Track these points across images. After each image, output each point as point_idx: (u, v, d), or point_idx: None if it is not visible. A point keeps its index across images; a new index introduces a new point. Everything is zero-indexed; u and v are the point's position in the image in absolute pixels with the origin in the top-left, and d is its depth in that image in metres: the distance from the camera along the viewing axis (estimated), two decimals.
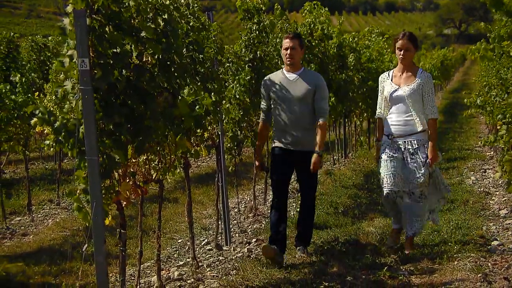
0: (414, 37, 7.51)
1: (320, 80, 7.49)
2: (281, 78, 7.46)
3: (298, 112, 7.34)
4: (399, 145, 7.49)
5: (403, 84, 7.48)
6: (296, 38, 7.38)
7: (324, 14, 12.87)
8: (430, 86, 7.48)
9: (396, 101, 7.50)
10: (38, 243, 9.21)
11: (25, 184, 12.69)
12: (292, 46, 7.31)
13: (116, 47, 5.32)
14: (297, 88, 7.36)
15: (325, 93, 7.47)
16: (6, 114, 9.75)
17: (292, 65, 7.40)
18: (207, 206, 11.60)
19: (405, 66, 7.52)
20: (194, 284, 6.90)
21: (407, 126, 7.46)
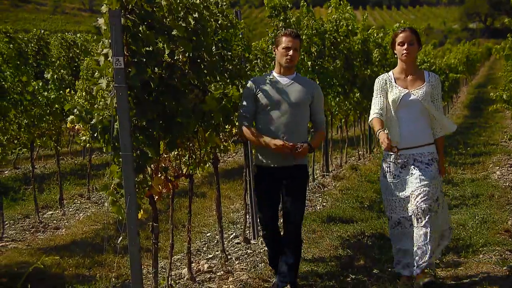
0: (417, 31, 6.52)
1: (318, 89, 6.60)
2: (272, 80, 6.49)
3: (294, 120, 6.34)
4: (407, 159, 6.33)
5: (411, 88, 6.36)
6: (298, 38, 6.46)
7: (349, 10, 12.98)
8: (439, 89, 6.50)
9: (407, 107, 6.32)
10: (71, 236, 9.43)
11: (56, 179, 12.95)
12: (295, 47, 6.39)
13: (149, 45, 5.49)
14: (293, 93, 6.40)
15: (322, 104, 6.64)
16: (39, 110, 9.98)
17: (290, 68, 6.47)
18: (234, 201, 11.77)
19: (409, 67, 6.41)
20: (223, 276, 7.06)
21: (419, 135, 6.31)
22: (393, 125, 6.35)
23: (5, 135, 9.23)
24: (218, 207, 7.64)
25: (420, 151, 6.31)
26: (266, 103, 6.37)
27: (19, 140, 10.10)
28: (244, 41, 7.89)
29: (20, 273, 7.28)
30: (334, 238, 8.44)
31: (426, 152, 6.32)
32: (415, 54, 6.39)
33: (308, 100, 6.44)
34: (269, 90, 6.42)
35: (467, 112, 32.57)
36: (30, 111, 9.76)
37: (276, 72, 6.56)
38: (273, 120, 6.35)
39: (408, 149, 6.30)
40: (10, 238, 9.40)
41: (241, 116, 6.44)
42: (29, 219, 10.62)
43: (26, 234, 9.74)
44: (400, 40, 6.33)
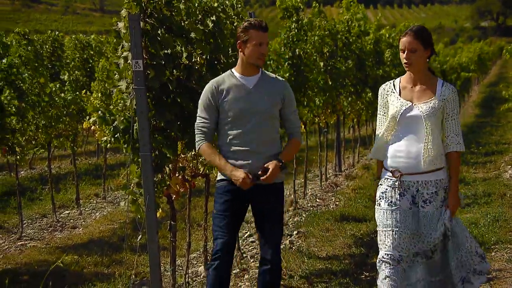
0: (425, 34, 5.19)
1: (288, 88, 5.52)
2: (235, 84, 5.36)
3: (263, 131, 5.26)
4: (408, 187, 5.18)
5: (417, 101, 5.19)
6: (268, 29, 5.41)
7: (361, 11, 13.09)
8: (455, 104, 5.21)
9: (408, 124, 5.18)
10: (88, 235, 9.59)
11: (72, 179, 13.12)
12: (267, 41, 5.39)
13: (168, 48, 5.64)
14: (262, 98, 5.32)
15: (294, 104, 5.53)
16: (56, 111, 10.15)
17: (259, 66, 5.40)
18: None
19: (417, 75, 5.22)
20: (239, 274, 7.20)
21: (422, 160, 5.10)
22: (391, 146, 5.25)
23: (24, 136, 9.41)
24: None
25: (424, 178, 5.14)
26: (230, 114, 5.29)
27: (37, 140, 10.29)
28: None
29: (40, 271, 7.43)
30: (347, 236, 8.55)
31: (432, 180, 5.13)
32: (420, 61, 5.15)
33: (279, 103, 5.38)
34: (234, 97, 5.31)
35: (478, 111, 32.55)
36: (47, 112, 9.94)
37: (238, 71, 5.43)
38: (241, 135, 5.28)
39: (409, 175, 5.15)
40: (29, 237, 9.56)
41: (198, 130, 5.36)
42: (46, 219, 10.78)
43: (44, 233, 9.90)
44: (401, 47, 5.21)
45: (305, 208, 10.84)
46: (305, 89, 10.29)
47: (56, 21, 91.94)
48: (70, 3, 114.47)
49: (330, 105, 11.85)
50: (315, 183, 13.52)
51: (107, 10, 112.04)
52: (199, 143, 5.32)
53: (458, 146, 5.17)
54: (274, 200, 5.36)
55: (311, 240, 8.52)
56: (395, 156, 5.19)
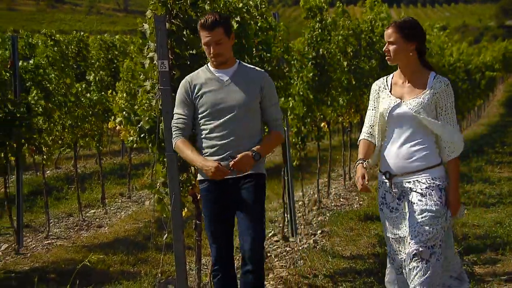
0: (409, 26, 4.91)
1: (266, 78, 5.25)
2: (209, 77, 5.18)
3: (240, 124, 5.09)
4: (403, 189, 4.91)
5: (407, 97, 4.93)
6: (218, 26, 5.02)
7: (384, 10, 13.08)
8: (449, 97, 4.92)
9: (398, 122, 4.94)
10: (114, 234, 9.67)
11: (97, 178, 13.23)
12: (215, 39, 5.02)
13: (193, 49, 5.69)
14: (238, 92, 5.13)
15: (274, 97, 5.28)
16: (82, 111, 10.27)
17: (221, 64, 5.15)
18: (271, 199, 11.94)
19: (404, 69, 4.98)
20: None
21: (414, 160, 4.86)
22: (384, 146, 5.05)
23: (50, 136, 9.53)
24: None
25: (416, 178, 4.86)
26: (205, 109, 5.13)
27: (63, 140, 10.39)
28: (284, 43, 8.04)
29: (67, 270, 7.52)
30: (371, 236, 8.57)
31: (423, 178, 4.84)
32: (401, 55, 4.90)
33: (258, 96, 5.16)
34: (208, 90, 5.15)
35: (503, 110, 32.39)
36: (73, 112, 10.06)
37: (212, 65, 5.23)
38: (218, 128, 5.09)
39: (402, 176, 4.90)
40: (55, 236, 9.67)
41: (174, 127, 5.22)
42: (72, 218, 10.89)
43: (70, 232, 10.00)
44: (385, 39, 5.02)
45: (328, 208, 10.86)
46: (329, 88, 10.32)
47: (80, 21, 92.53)
48: (94, 3, 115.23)
49: (353, 104, 11.86)
50: (338, 183, 13.54)
51: (131, 10, 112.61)
52: (174, 140, 5.19)
53: (454, 154, 4.87)
54: (252, 196, 5.05)
55: (335, 239, 8.54)
56: (387, 157, 4.98)
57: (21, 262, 8.20)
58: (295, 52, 10.16)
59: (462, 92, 22.38)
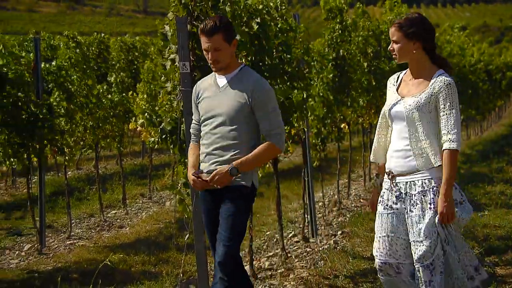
0: (410, 24, 4.79)
1: (259, 86, 4.96)
2: (210, 83, 5.12)
3: (224, 134, 4.94)
4: (400, 189, 4.80)
5: (409, 94, 4.83)
6: (217, 32, 4.86)
7: (404, 11, 13.04)
8: (450, 97, 4.69)
9: (397, 120, 4.86)
10: (135, 234, 9.74)
11: (118, 179, 13.32)
12: (215, 46, 4.87)
13: None
14: (227, 99, 4.97)
15: (270, 104, 4.98)
16: (103, 112, 10.36)
17: (219, 70, 5.00)
18: (291, 200, 11.96)
19: (412, 67, 4.85)
20: (284, 273, 7.25)
21: (410, 159, 4.75)
22: (390, 145, 4.98)
23: (72, 137, 9.61)
24: (278, 206, 7.84)
25: (411, 178, 4.75)
26: (202, 114, 5.11)
27: (85, 141, 10.48)
28: (304, 44, 8.06)
29: (89, 270, 7.59)
30: None
31: (419, 180, 4.71)
32: (405, 53, 4.79)
33: (245, 106, 4.92)
34: (205, 97, 5.09)
35: None
36: (95, 114, 10.15)
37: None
38: (205, 138, 5.07)
39: (400, 176, 4.81)
40: (77, 236, 9.75)
41: (191, 130, 5.32)
42: (94, 218, 10.98)
43: (92, 232, 10.08)
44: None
45: (349, 208, 10.87)
46: (349, 89, 10.34)
47: (100, 23, 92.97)
48: (114, 5, 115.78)
49: (373, 105, 11.84)
50: (358, 184, 13.53)
51: (150, 12, 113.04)
52: (190, 143, 5.26)
53: (452, 143, 4.60)
54: (231, 208, 4.92)
55: (356, 240, 8.54)
56: (389, 156, 4.91)
57: (44, 262, 8.28)
58: (315, 53, 10.17)
59: (483, 93, 22.28)
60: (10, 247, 9.07)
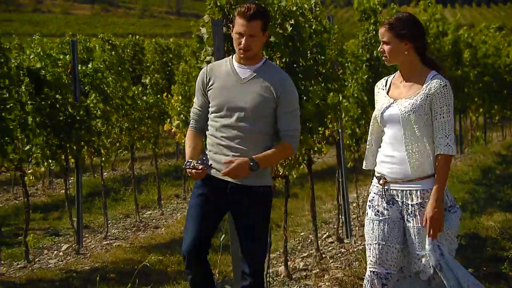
0: (401, 25, 4.61)
1: (286, 84, 4.81)
2: (228, 71, 4.82)
3: (246, 129, 4.70)
4: (394, 197, 4.60)
5: (402, 97, 4.62)
6: (257, 18, 4.65)
7: (439, 11, 13.01)
8: (446, 100, 4.50)
9: (391, 124, 4.63)
10: (170, 235, 9.82)
11: (153, 180, 13.44)
12: (251, 32, 4.64)
13: None
14: (251, 93, 4.73)
15: (292, 104, 4.81)
16: (139, 114, 10.49)
17: (247, 59, 4.76)
18: (325, 201, 11.97)
19: (403, 68, 4.68)
20: (319, 274, 7.27)
21: (404, 166, 4.54)
22: (381, 149, 4.75)
23: (108, 138, 9.74)
24: (312, 207, 7.87)
25: (409, 187, 4.54)
26: (215, 104, 4.79)
27: (121, 143, 10.62)
28: (338, 45, 8.07)
29: (126, 270, 7.68)
30: None
31: (417, 190, 4.51)
32: (396, 55, 4.61)
33: (270, 102, 4.74)
34: (221, 86, 4.79)
35: None
36: (130, 115, 10.28)
37: (236, 59, 4.85)
38: (221, 130, 4.74)
39: (394, 183, 4.59)
40: (113, 237, 9.86)
41: (191, 115, 5.04)
42: (130, 219, 11.10)
43: (128, 232, 10.19)
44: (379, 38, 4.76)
45: None
46: None
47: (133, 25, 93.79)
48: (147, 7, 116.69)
49: None
50: None
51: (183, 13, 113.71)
52: (188, 130, 4.97)
53: (447, 148, 4.44)
54: (258, 214, 4.73)
55: None
56: (381, 161, 4.69)
57: (82, 262, 8.40)
58: (349, 54, 10.17)
59: None
60: (48, 247, 9.21)
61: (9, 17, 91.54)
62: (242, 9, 4.65)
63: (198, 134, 4.91)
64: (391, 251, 4.54)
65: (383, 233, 4.55)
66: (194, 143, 4.84)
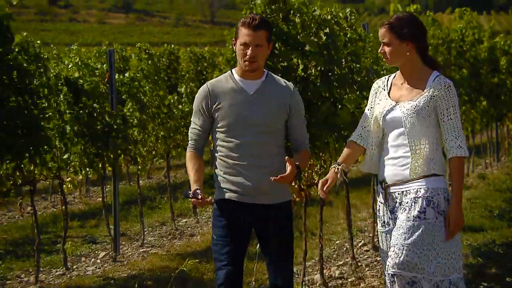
0: (402, 25, 4.50)
1: (296, 95, 4.81)
2: (233, 88, 4.68)
3: (262, 144, 4.62)
4: (395, 199, 4.49)
5: (403, 99, 4.51)
6: (263, 28, 4.59)
7: (474, 19, 12.91)
8: (451, 101, 4.40)
9: (393, 127, 4.53)
10: (206, 243, 9.85)
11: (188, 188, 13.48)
12: (257, 42, 4.56)
13: (285, 61, 5.81)
14: (262, 108, 4.63)
15: (302, 113, 4.87)
16: (174, 122, 10.58)
17: (252, 71, 4.65)
18: (360, 209, 11.93)
19: (404, 69, 4.58)
20: (355, 282, 7.27)
21: (405, 167, 4.44)
22: (382, 153, 4.65)
23: (145, 147, 9.84)
24: (348, 215, 7.88)
25: (406, 187, 4.42)
26: (226, 124, 4.64)
27: (156, 151, 10.72)
28: (373, 53, 8.06)
29: (163, 277, 7.74)
30: (464, 246, 8.45)
31: (414, 188, 4.37)
32: (397, 56, 4.50)
33: (284, 114, 4.71)
34: (230, 104, 4.64)
35: None
36: (166, 124, 10.37)
37: (238, 73, 4.74)
38: (237, 150, 4.62)
39: (395, 185, 4.47)
40: (150, 244, 9.94)
41: (189, 137, 4.84)
42: (165, 226, 11.17)
43: (164, 240, 10.26)
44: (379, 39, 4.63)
45: None
46: None
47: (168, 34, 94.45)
48: (181, 16, 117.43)
49: None
50: None
51: (217, 22, 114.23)
52: (187, 151, 4.80)
53: (459, 151, 4.33)
54: (284, 231, 4.71)
55: None
56: (384, 164, 4.57)
57: (119, 269, 8.47)
58: (384, 62, 10.13)
59: None
60: (86, 254, 9.31)
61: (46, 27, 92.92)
62: (246, 20, 4.57)
63: (198, 154, 4.76)
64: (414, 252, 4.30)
65: (387, 246, 4.51)
66: (197, 165, 4.68)
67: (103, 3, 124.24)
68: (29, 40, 7.14)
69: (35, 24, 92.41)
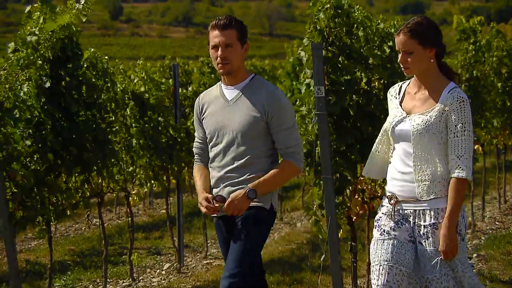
0: (424, 29, 4.19)
1: (273, 100, 4.49)
2: (216, 96, 4.61)
3: (237, 152, 4.48)
4: (405, 216, 4.26)
5: (416, 111, 4.25)
6: (231, 27, 4.43)
7: None
8: (463, 117, 4.09)
9: (402, 140, 4.30)
10: (268, 255, 9.91)
11: None
12: (227, 42, 4.40)
13: (348, 74, 5.85)
14: (239, 114, 4.48)
15: (285, 120, 4.51)
16: None
17: (227, 73, 4.49)
18: None
19: (421, 79, 4.27)
20: None
21: (417, 185, 4.20)
22: (392, 165, 4.41)
23: None
24: None
25: (420, 207, 4.20)
26: (208, 132, 4.60)
27: None
28: None
29: None
30: None
31: (430, 210, 4.16)
32: (420, 64, 4.18)
33: (259, 121, 4.46)
34: (211, 112, 4.59)
35: None
36: None
37: (223, 81, 4.65)
38: (216, 157, 4.55)
39: (405, 202, 4.26)
40: (213, 256, 10.04)
41: (194, 149, 4.84)
42: None
43: None
44: (396, 47, 4.30)
45: (483, 231, 10.63)
46: (483, 110, 10.17)
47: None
48: None
49: (508, 126, 11.57)
50: (493, 206, 13.19)
51: (276, 34, 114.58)
52: (194, 165, 4.80)
53: (458, 172, 4.06)
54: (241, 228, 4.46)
55: (492, 263, 8.38)
56: (392, 177, 4.35)
57: (184, 280, 8.58)
58: None
59: None
60: (150, 265, 9.45)
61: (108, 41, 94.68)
62: (213, 22, 4.47)
63: (204, 165, 4.70)
64: (394, 273, 4.16)
65: (386, 253, 4.21)
66: (204, 175, 4.65)
67: (164, 17, 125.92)
68: (97, 56, 7.32)
69: (98, 39, 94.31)
